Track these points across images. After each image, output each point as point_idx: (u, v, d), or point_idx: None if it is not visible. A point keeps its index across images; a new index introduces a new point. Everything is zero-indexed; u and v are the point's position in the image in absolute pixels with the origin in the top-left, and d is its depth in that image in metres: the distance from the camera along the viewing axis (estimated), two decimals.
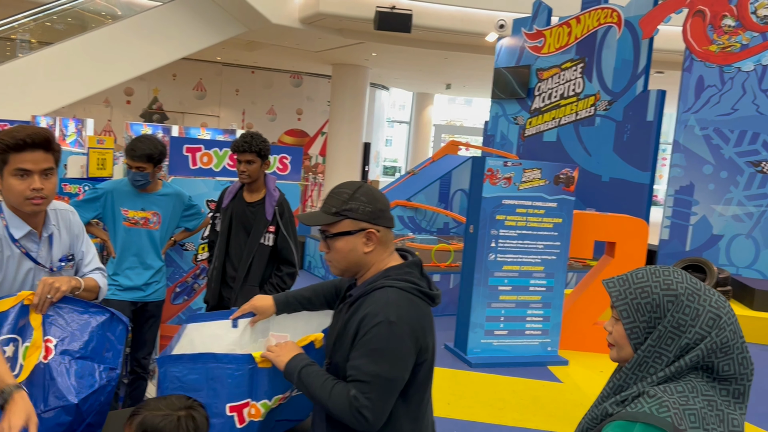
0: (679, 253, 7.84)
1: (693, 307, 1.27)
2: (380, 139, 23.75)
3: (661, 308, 1.29)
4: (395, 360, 1.59)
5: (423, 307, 1.68)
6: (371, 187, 1.74)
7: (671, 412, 1.20)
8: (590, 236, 5.78)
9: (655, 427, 1.20)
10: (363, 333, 1.61)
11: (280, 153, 3.97)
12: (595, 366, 5.50)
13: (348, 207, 1.68)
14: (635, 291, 1.32)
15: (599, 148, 8.68)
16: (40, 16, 12.43)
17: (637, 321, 1.30)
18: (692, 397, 1.25)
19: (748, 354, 1.29)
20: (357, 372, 1.60)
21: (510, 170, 5.29)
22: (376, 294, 1.65)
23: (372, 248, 1.70)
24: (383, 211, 1.71)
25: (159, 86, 19.49)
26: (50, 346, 1.85)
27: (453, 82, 19.95)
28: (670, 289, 1.29)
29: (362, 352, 1.60)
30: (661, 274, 1.32)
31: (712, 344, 1.26)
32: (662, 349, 1.28)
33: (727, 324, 1.28)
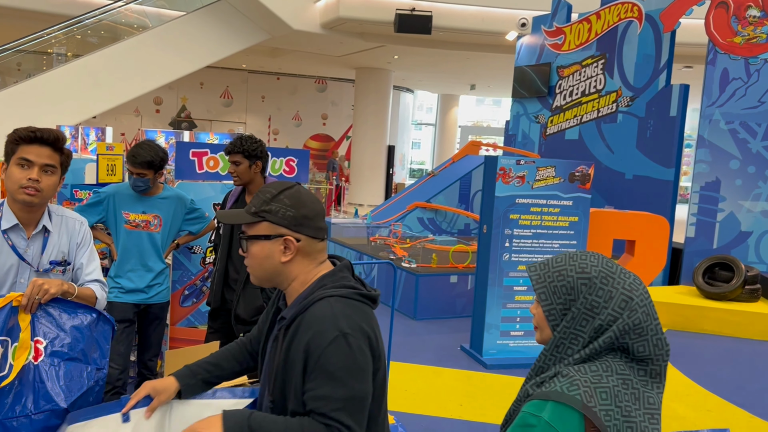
0: (706, 251, 7.65)
1: (606, 290, 1.31)
2: (406, 141, 23.75)
3: (575, 290, 1.32)
4: (361, 374, 1.43)
5: (367, 311, 1.53)
6: (304, 190, 1.57)
7: (581, 390, 1.24)
8: (609, 234, 5.68)
9: (565, 405, 1.23)
10: (317, 356, 1.41)
11: (287, 155, 3.99)
12: None
13: (267, 208, 1.51)
14: (553, 274, 1.36)
15: (622, 145, 8.53)
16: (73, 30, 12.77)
17: (554, 303, 1.35)
18: (606, 375, 1.28)
19: (663, 335, 1.32)
20: (326, 402, 1.40)
21: (523, 169, 5.23)
22: (317, 308, 1.46)
23: (289, 258, 1.51)
24: (308, 218, 1.52)
25: (187, 95, 19.85)
26: (39, 347, 1.89)
27: (477, 82, 19.84)
28: (584, 272, 1.33)
29: (324, 378, 1.40)
30: (578, 258, 1.36)
31: (624, 325, 1.29)
32: (577, 330, 1.32)
33: (639, 306, 1.31)
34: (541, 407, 1.25)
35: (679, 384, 5.10)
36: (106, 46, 11.99)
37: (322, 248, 1.57)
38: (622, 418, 1.25)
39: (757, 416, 4.51)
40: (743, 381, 5.26)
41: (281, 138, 20.83)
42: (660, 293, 7.14)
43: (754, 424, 4.37)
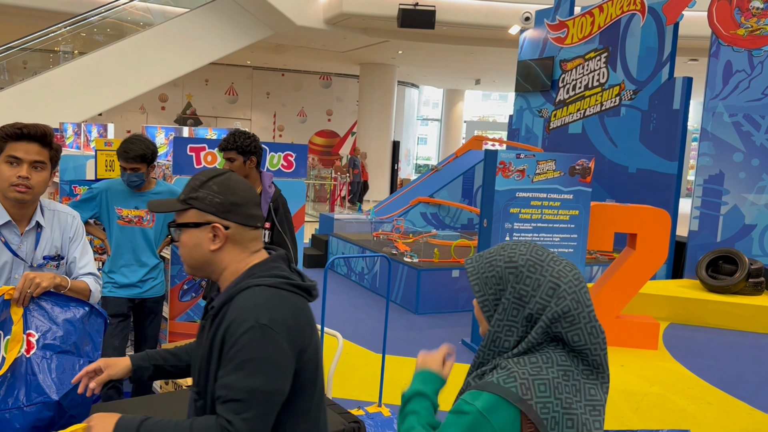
0: (710, 245, 7.62)
1: (534, 278, 1.28)
2: (411, 137, 23.74)
3: (503, 280, 1.30)
4: (273, 368, 1.37)
5: (298, 303, 1.48)
6: (234, 177, 1.53)
7: (518, 382, 1.22)
8: (610, 228, 5.66)
9: (500, 397, 1.21)
10: (230, 344, 1.38)
11: (285, 150, 4.01)
12: (616, 360, 5.39)
13: (195, 195, 1.48)
14: (484, 265, 1.34)
15: (625, 138, 8.50)
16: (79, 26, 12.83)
17: (486, 294, 1.32)
18: (546, 367, 1.25)
19: (597, 323, 1.30)
20: (228, 391, 1.35)
21: (523, 162, 5.23)
22: (240, 297, 1.43)
23: (218, 246, 1.47)
24: (237, 205, 1.48)
25: (192, 91, 19.92)
26: (32, 340, 1.91)
27: (482, 77, 19.80)
28: (512, 262, 1.31)
29: (232, 366, 1.36)
30: (508, 248, 1.34)
31: (553, 313, 1.26)
32: (509, 321, 1.29)
33: (568, 292, 1.28)
34: (477, 396, 1.24)
35: (680, 377, 5.10)
36: (110, 44, 12.04)
37: (255, 237, 1.53)
38: (561, 410, 1.22)
39: (758, 409, 4.50)
40: (745, 374, 5.25)
41: (286, 134, 20.87)
42: (663, 287, 7.12)
43: (755, 417, 4.37)
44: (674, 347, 5.85)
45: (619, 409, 4.37)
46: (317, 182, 17.41)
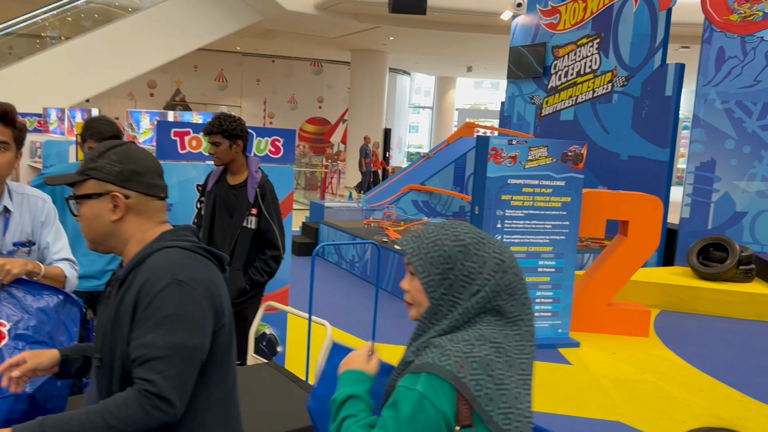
0: (701, 232, 7.61)
1: (480, 255, 1.33)
2: (402, 125, 23.62)
3: (452, 259, 1.32)
4: (194, 324, 1.34)
5: (212, 268, 1.46)
6: (134, 146, 1.48)
7: (452, 360, 1.24)
8: (602, 215, 5.62)
9: (437, 376, 1.24)
10: (146, 303, 1.32)
11: (273, 135, 3.92)
12: (607, 348, 5.37)
13: (93, 165, 1.43)
14: (428, 245, 1.35)
15: (617, 125, 8.45)
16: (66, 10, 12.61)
17: (431, 274, 1.33)
18: (479, 345, 1.28)
19: (528, 294, 1.36)
20: (148, 349, 1.30)
21: (515, 149, 5.17)
22: (153, 257, 1.38)
23: (119, 216, 1.42)
24: (138, 173, 1.44)
25: (181, 78, 19.70)
26: (3, 330, 1.83)
27: (473, 64, 19.69)
28: (459, 240, 1.33)
29: (151, 324, 1.31)
30: (450, 227, 1.37)
31: (496, 286, 1.31)
32: (455, 297, 1.32)
33: (510, 267, 1.34)
34: (415, 380, 1.25)
35: (671, 364, 5.08)
36: (97, 28, 11.84)
37: (160, 207, 1.49)
38: (494, 386, 1.25)
39: (749, 396, 4.49)
40: (736, 361, 5.24)
41: (277, 121, 20.71)
42: (654, 274, 7.11)
43: (746, 404, 4.36)
44: (665, 335, 5.83)
45: (611, 398, 4.35)
46: (308, 170, 17.29)
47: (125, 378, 1.36)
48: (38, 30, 12.91)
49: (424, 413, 1.22)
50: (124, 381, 1.36)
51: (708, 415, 4.13)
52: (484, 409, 1.24)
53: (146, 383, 1.28)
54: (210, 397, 1.43)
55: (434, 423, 1.23)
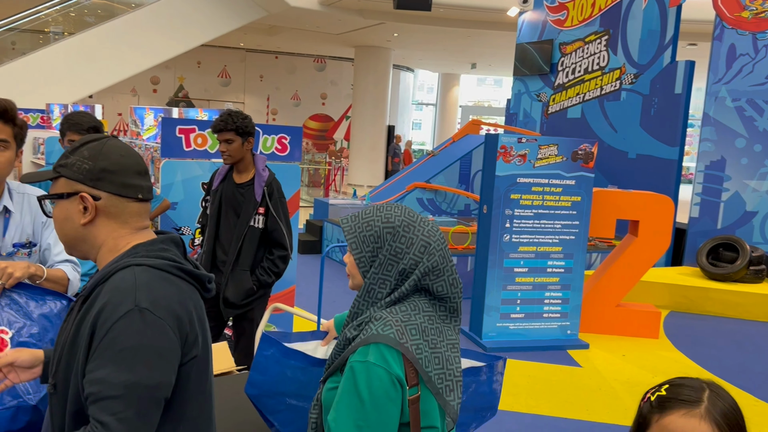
0: (710, 231, 7.51)
1: (408, 237, 1.44)
2: (406, 122, 23.51)
3: (381, 239, 1.45)
4: (156, 359, 1.17)
5: (187, 290, 1.29)
6: (112, 142, 1.32)
7: (394, 329, 1.38)
8: (612, 214, 5.54)
9: (383, 344, 1.36)
10: (104, 331, 1.15)
11: (279, 133, 3.84)
12: (617, 349, 5.29)
13: (65, 162, 1.29)
14: (362, 225, 1.48)
15: (625, 123, 8.36)
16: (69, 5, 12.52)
17: (363, 251, 1.46)
18: (414, 314, 1.42)
19: (456, 275, 1.48)
20: (102, 387, 1.13)
21: (525, 147, 5.08)
22: (117, 276, 1.21)
23: (89, 219, 1.27)
24: (109, 171, 1.27)
25: (184, 74, 19.60)
26: (5, 338, 1.75)
27: (478, 61, 19.57)
28: (389, 222, 1.46)
29: (106, 358, 1.14)
30: (384, 209, 1.49)
31: (424, 268, 1.43)
32: (384, 275, 1.45)
33: (437, 250, 1.45)
34: (365, 352, 1.37)
35: (682, 366, 5.00)
36: (100, 24, 11.76)
37: (138, 211, 1.32)
38: (429, 350, 1.41)
39: (761, 399, 4.41)
40: (748, 363, 5.16)
41: (280, 118, 20.61)
42: (663, 274, 7.02)
43: (759, 408, 4.27)
44: (675, 336, 5.75)
45: (622, 401, 4.27)
46: (311, 167, 17.21)
47: (79, 412, 1.20)
48: (42, 25, 12.83)
49: (379, 380, 1.34)
50: (78, 415, 1.20)
51: None
52: (425, 369, 1.39)
53: (99, 426, 1.12)
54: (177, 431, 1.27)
55: (390, 387, 1.35)
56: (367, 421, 1.34)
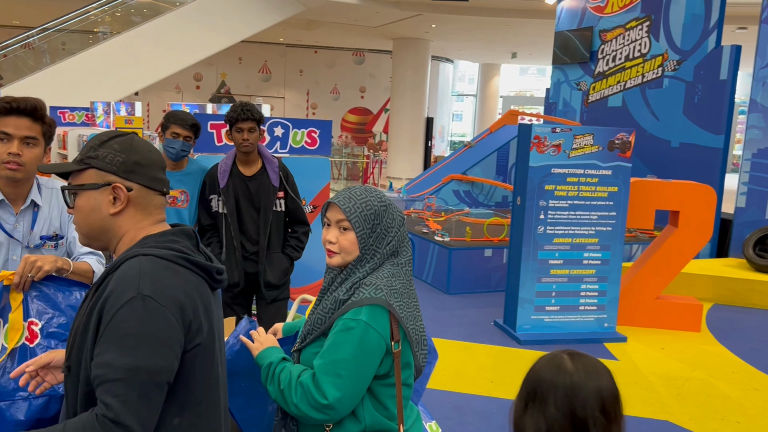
0: (758, 222, 7.25)
1: (393, 213, 1.71)
2: (445, 113, 23.38)
3: (378, 216, 1.67)
4: (157, 345, 1.22)
5: (194, 281, 1.34)
6: (138, 138, 1.40)
7: (383, 292, 1.61)
8: (651, 205, 5.40)
9: (376, 306, 1.59)
10: (108, 317, 1.22)
11: (309, 127, 3.88)
12: (655, 343, 5.17)
13: (94, 154, 1.35)
14: (361, 205, 1.67)
15: (668, 111, 8.12)
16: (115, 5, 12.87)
17: (365, 228, 1.65)
18: (393, 280, 1.66)
19: (409, 239, 1.76)
20: (106, 370, 1.20)
21: (559, 137, 5.00)
22: (125, 265, 1.28)
23: (120, 209, 1.34)
24: (141, 165, 1.36)
25: (226, 70, 19.93)
26: (35, 329, 1.82)
27: (518, 50, 19.29)
28: (382, 201, 1.70)
29: (110, 343, 1.21)
30: (372, 190, 1.72)
31: (400, 236, 1.71)
32: (377, 247, 1.67)
33: (404, 222, 1.74)
34: (358, 312, 1.58)
35: (724, 361, 4.86)
36: (145, 22, 12.05)
37: (160, 204, 1.41)
38: (407, 310, 1.66)
39: None
40: None
41: (320, 112, 20.77)
42: (707, 266, 6.82)
43: None
44: (718, 330, 5.59)
45: (659, 395, 4.18)
46: (350, 160, 17.29)
47: (90, 393, 1.26)
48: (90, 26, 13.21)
49: (369, 338, 1.57)
50: (89, 396, 1.26)
51: (765, 415, 3.93)
52: (406, 326, 1.64)
53: (104, 407, 1.19)
54: (182, 422, 1.32)
55: (376, 344, 1.58)
56: (349, 372, 1.55)
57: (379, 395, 1.65)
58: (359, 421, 1.63)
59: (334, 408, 1.56)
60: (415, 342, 1.69)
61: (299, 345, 1.72)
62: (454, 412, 3.78)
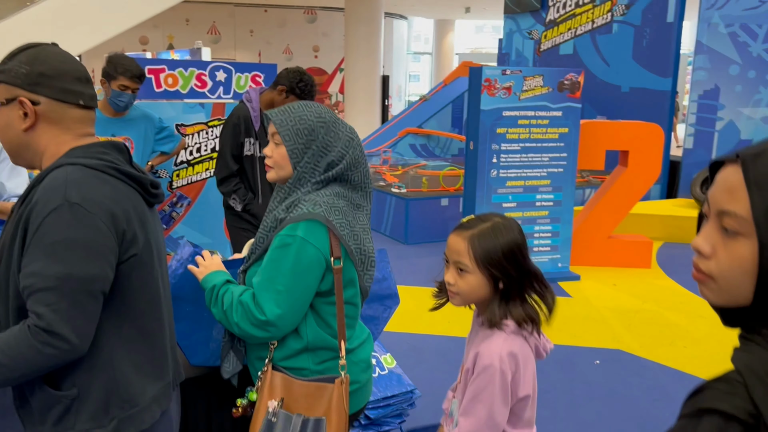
0: (705, 162, 7.43)
1: (335, 132, 1.64)
2: (401, 72, 23.18)
3: (314, 132, 1.62)
4: (87, 252, 1.18)
5: (125, 191, 1.29)
6: (52, 48, 1.33)
7: (322, 208, 1.57)
8: (601, 145, 5.48)
9: (314, 221, 1.55)
10: (35, 227, 1.18)
11: (253, 70, 3.77)
12: (608, 279, 5.30)
13: (2, 68, 1.29)
14: (295, 119, 1.62)
15: (618, 56, 8.19)
16: None
17: (296, 144, 1.61)
18: (336, 199, 1.62)
19: (368, 167, 1.71)
20: (36, 279, 1.16)
21: (509, 79, 4.99)
22: (51, 176, 1.23)
23: (30, 124, 1.27)
24: (47, 76, 1.27)
25: (173, 32, 19.26)
26: None
27: (471, 5, 19.15)
28: (321, 117, 1.64)
29: (38, 252, 1.17)
30: (313, 106, 1.67)
31: (351, 159, 1.65)
32: (315, 165, 1.62)
33: (357, 145, 1.68)
34: (295, 228, 1.54)
35: (673, 293, 5.01)
36: None
37: (80, 118, 1.33)
38: (349, 228, 1.61)
39: None
40: None
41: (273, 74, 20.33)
42: (657, 207, 6.99)
43: None
44: (668, 265, 5.76)
45: (611, 327, 4.30)
46: None
47: (22, 308, 1.22)
48: None
49: (306, 253, 1.53)
50: (21, 311, 1.23)
51: (710, 339, 4.08)
52: (348, 244, 1.59)
53: (35, 317, 1.16)
54: (120, 335, 1.28)
55: (315, 260, 1.54)
56: (287, 287, 1.53)
57: (322, 313, 1.63)
58: (301, 337, 1.62)
59: (275, 324, 1.54)
60: (359, 261, 1.65)
61: (244, 266, 1.71)
62: (413, 351, 3.82)
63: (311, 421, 1.56)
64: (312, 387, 1.59)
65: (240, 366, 1.72)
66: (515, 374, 1.45)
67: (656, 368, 3.67)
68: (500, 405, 1.43)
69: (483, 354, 1.45)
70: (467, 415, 1.46)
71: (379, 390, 2.54)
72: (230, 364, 1.70)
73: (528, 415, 1.52)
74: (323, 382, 1.60)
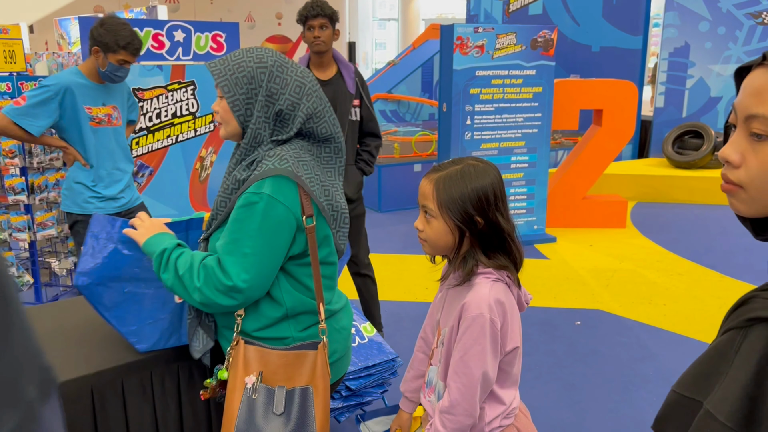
0: (676, 120, 7.43)
1: (282, 77, 1.44)
2: (368, 39, 22.78)
3: (255, 80, 1.43)
4: None
5: None
6: None
7: (290, 163, 1.41)
8: (575, 105, 5.39)
9: (281, 176, 1.39)
10: None
11: (213, 30, 3.54)
12: (584, 240, 5.26)
13: None
14: (233, 67, 1.43)
15: (588, 15, 8.08)
16: None
17: (236, 94, 1.43)
18: (302, 153, 1.47)
19: (335, 115, 1.53)
20: None
21: (482, 37, 4.83)
22: None
23: None
24: None
25: (130, 2, 18.53)
26: None
27: None
28: (262, 62, 1.44)
29: None
30: (255, 51, 1.46)
31: (307, 110, 1.45)
32: (264, 117, 1.44)
33: (312, 91, 1.47)
34: (261, 185, 1.39)
35: (649, 252, 5.00)
36: None
37: None
38: (319, 183, 1.48)
39: (726, 275, 4.43)
40: (713, 245, 5.18)
41: None
42: (629, 166, 6.97)
43: (725, 283, 4.30)
44: (642, 224, 5.75)
45: (590, 287, 4.25)
46: None
47: None
48: None
49: (274, 211, 1.38)
50: None
51: (688, 296, 4.07)
52: (319, 200, 1.45)
53: None
54: None
55: (284, 218, 1.39)
56: (255, 249, 1.38)
57: (297, 276, 1.49)
58: (279, 304, 1.48)
59: (241, 290, 1.39)
60: (331, 219, 1.52)
61: (205, 234, 1.53)
62: (392, 318, 3.72)
63: (297, 391, 1.43)
64: (291, 356, 1.46)
65: (211, 343, 1.56)
66: (503, 324, 1.31)
67: (636, 327, 3.64)
68: (492, 359, 1.30)
69: (470, 304, 1.30)
70: (457, 375, 1.31)
71: (359, 359, 2.42)
72: (200, 342, 1.54)
73: (515, 371, 1.39)
74: (303, 350, 1.47)
